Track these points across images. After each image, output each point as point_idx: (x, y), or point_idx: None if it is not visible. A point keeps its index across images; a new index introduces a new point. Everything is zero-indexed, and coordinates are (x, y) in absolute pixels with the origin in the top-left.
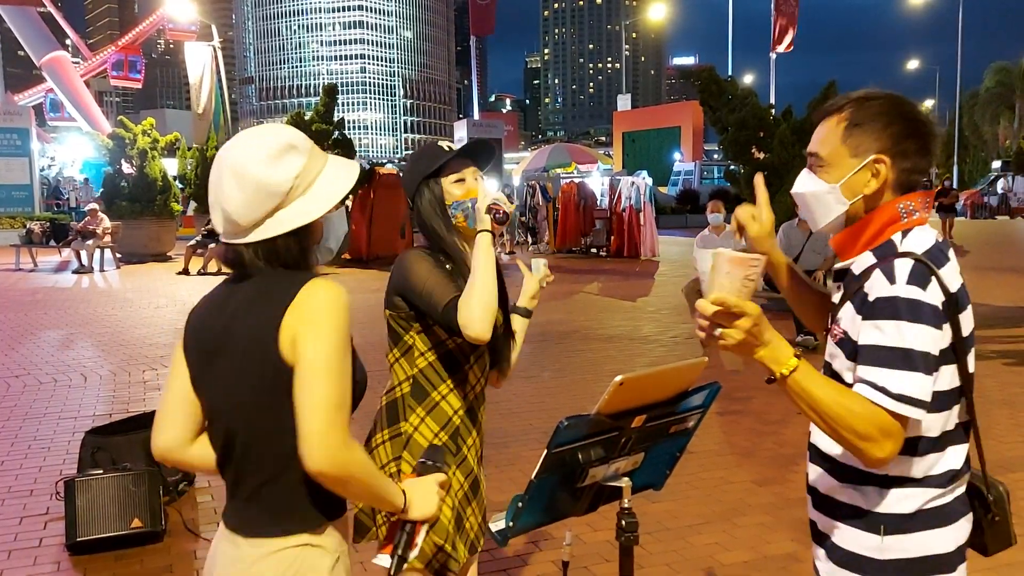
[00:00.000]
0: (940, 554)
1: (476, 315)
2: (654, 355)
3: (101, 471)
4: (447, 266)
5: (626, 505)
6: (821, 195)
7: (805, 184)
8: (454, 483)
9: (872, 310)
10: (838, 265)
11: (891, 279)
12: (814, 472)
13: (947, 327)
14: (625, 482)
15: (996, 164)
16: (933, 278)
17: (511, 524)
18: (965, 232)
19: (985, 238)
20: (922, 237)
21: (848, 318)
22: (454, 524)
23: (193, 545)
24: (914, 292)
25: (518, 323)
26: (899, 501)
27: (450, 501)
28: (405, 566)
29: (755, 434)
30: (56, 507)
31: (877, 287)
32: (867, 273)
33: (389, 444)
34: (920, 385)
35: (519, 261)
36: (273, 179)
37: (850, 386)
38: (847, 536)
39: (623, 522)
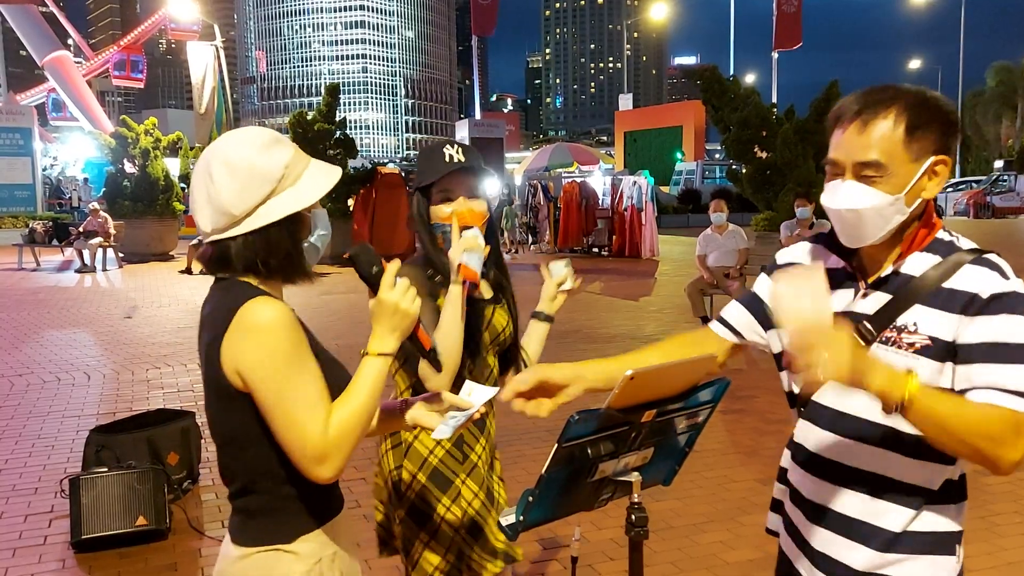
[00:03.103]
0: (962, 560)
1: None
2: None
3: (106, 469)
4: (437, 278)
5: (636, 500)
6: (883, 208)
7: (861, 199)
8: (467, 493)
9: (988, 307)
10: (888, 269)
11: (1004, 275)
12: (859, 503)
13: None
14: (635, 477)
15: (999, 164)
16: None
17: (521, 518)
18: (967, 232)
19: (989, 238)
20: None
21: (934, 321)
22: (466, 533)
23: (197, 543)
24: (1023, 286)
25: (537, 328)
26: (962, 514)
27: (457, 511)
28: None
29: (758, 433)
30: (61, 505)
31: (990, 284)
32: (943, 273)
33: (391, 453)
34: None
35: (542, 266)
36: (266, 165)
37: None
38: (923, 567)
39: (633, 516)
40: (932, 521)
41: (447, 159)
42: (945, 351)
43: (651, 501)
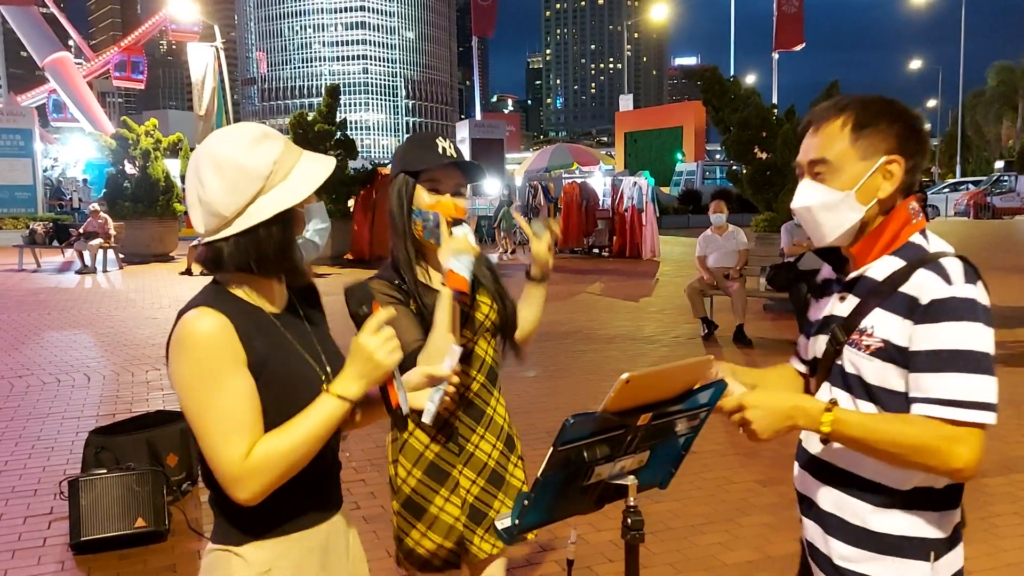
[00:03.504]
0: (960, 568)
1: None
2: (657, 355)
3: (105, 471)
4: (403, 286)
5: (632, 503)
6: (833, 204)
7: (811, 196)
8: (464, 482)
9: (928, 313)
10: (853, 273)
11: (947, 279)
12: (833, 497)
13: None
14: (631, 480)
15: (999, 164)
16: (979, 278)
17: (517, 522)
18: (969, 232)
19: (988, 239)
20: (940, 239)
21: (887, 324)
22: (468, 520)
23: (196, 545)
24: (972, 291)
25: (534, 291)
26: (944, 522)
27: (457, 500)
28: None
29: None
30: (60, 507)
31: (931, 289)
32: (901, 277)
33: (390, 447)
34: (987, 387)
35: (523, 222)
36: (253, 163)
37: (900, 394)
38: (891, 568)
39: (629, 520)
40: (902, 524)
41: (440, 151)
42: (897, 353)
43: (650, 502)
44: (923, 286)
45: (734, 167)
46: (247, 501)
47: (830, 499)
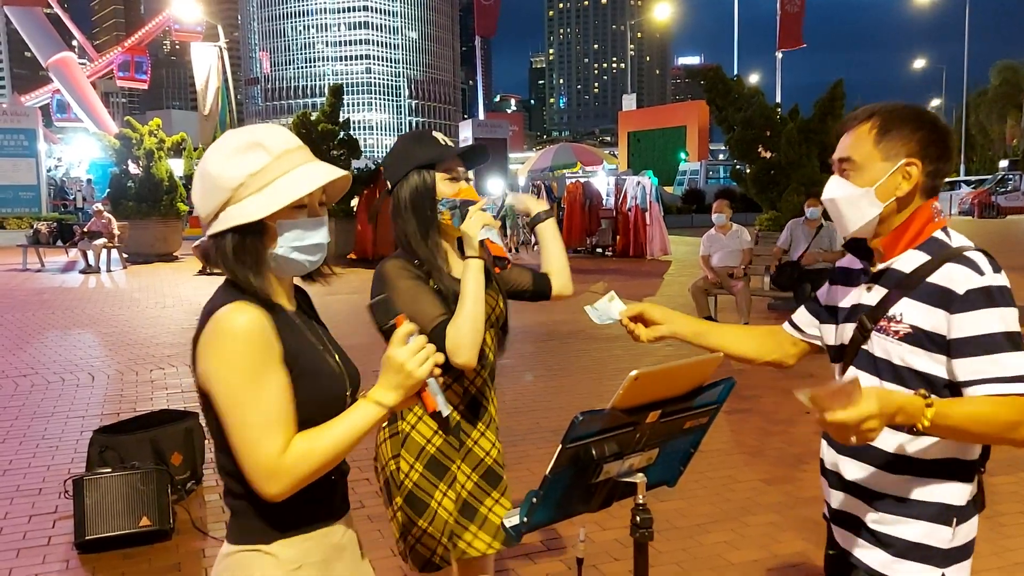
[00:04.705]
0: (973, 539)
1: (465, 342)
2: (660, 354)
3: (109, 470)
4: (423, 268)
5: (640, 501)
6: (855, 199)
7: (837, 189)
8: (461, 477)
9: (966, 302)
10: (880, 266)
11: (978, 271)
12: (857, 468)
13: None
14: (640, 478)
15: (1003, 163)
16: (1001, 268)
17: (525, 520)
18: (973, 231)
19: (992, 238)
20: (960, 235)
21: (917, 312)
22: (459, 515)
23: (201, 544)
24: (1001, 280)
25: (546, 230)
26: (963, 492)
27: (452, 495)
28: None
29: (763, 433)
30: (65, 506)
31: (963, 279)
32: (927, 269)
33: (388, 443)
34: None
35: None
36: (223, 173)
37: (925, 375)
38: (917, 530)
39: (638, 518)
40: (929, 492)
41: (442, 143)
42: (925, 339)
43: (655, 501)
44: (956, 278)
45: (738, 166)
46: (276, 497)
47: (864, 473)
